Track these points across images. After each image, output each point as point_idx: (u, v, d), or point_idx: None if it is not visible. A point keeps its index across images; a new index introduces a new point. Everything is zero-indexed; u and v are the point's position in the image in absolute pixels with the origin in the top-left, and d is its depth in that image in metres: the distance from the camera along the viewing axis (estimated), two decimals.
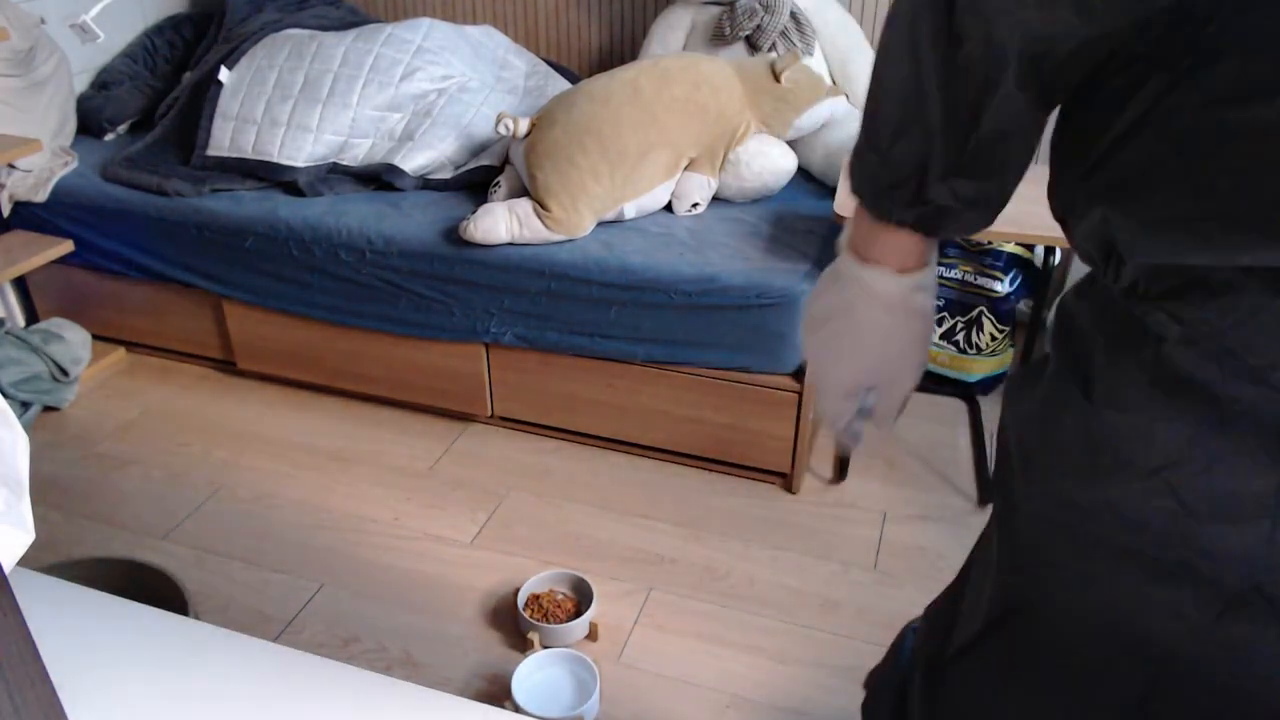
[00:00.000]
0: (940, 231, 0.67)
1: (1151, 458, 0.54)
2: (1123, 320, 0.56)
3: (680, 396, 1.93)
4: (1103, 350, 0.57)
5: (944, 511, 1.91)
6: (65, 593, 0.78)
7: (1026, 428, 0.64)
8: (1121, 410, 0.56)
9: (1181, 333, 0.52)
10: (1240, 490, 0.51)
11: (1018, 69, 0.53)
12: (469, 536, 1.85)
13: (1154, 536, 0.55)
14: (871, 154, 0.65)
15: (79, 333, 2.25)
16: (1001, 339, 2.21)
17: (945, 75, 0.56)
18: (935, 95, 0.57)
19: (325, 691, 0.70)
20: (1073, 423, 0.59)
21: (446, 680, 1.54)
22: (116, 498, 1.95)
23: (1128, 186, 0.52)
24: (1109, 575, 0.58)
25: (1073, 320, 0.61)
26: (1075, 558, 0.59)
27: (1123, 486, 0.55)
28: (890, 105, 0.62)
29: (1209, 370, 0.51)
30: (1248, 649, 0.53)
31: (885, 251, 0.69)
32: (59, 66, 2.36)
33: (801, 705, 1.49)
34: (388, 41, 2.28)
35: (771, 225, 1.98)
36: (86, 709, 0.66)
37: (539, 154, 1.92)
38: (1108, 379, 0.57)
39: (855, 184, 0.68)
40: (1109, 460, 0.56)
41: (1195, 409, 0.52)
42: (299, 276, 2.10)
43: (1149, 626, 0.56)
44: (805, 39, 2.18)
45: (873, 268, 0.70)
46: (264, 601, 1.69)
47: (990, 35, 0.53)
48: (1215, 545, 0.52)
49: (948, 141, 0.59)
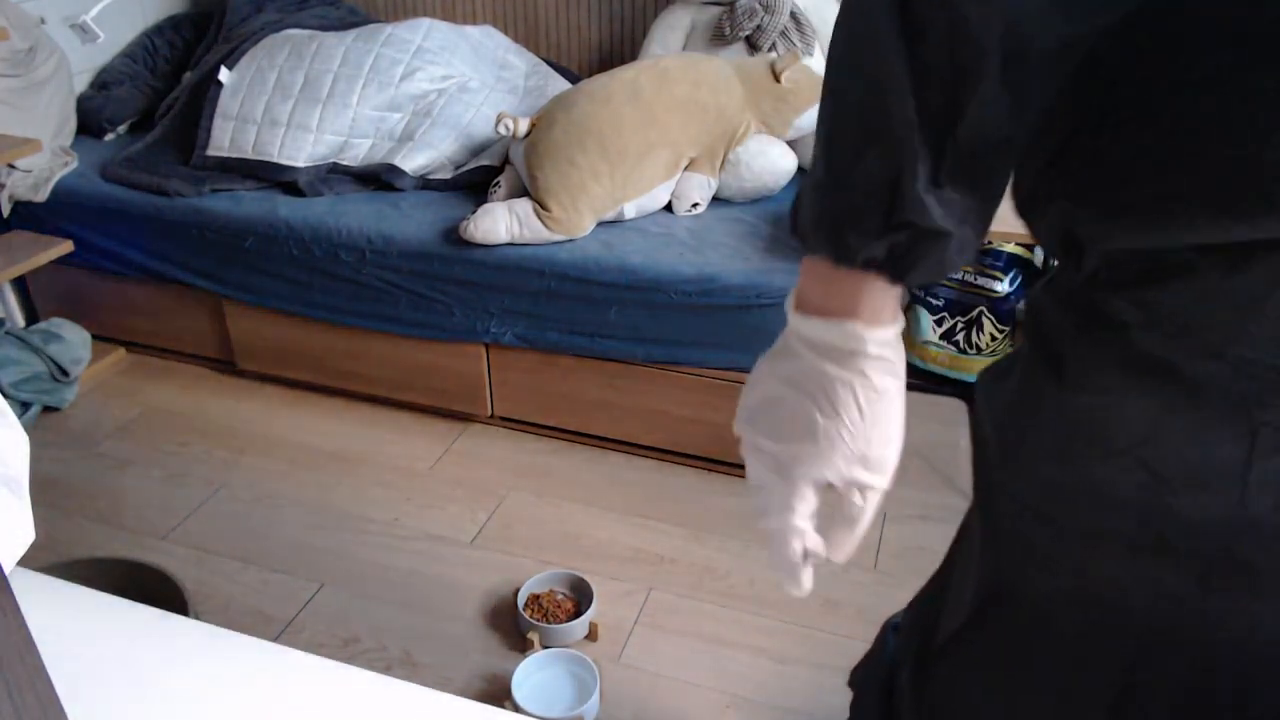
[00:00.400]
0: (915, 268, 0.54)
1: (1124, 436, 0.55)
2: (1087, 309, 0.57)
3: (680, 396, 1.93)
4: (1071, 339, 0.58)
5: (944, 511, 1.91)
6: (65, 593, 0.78)
7: (1004, 418, 0.65)
8: (1093, 393, 0.57)
9: (1143, 316, 0.54)
10: (1210, 460, 0.53)
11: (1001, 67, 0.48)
12: (469, 536, 1.85)
13: (1131, 513, 0.56)
14: (825, 185, 0.55)
15: (79, 333, 2.25)
16: (1002, 339, 2.21)
17: (914, 75, 0.49)
18: (906, 99, 0.50)
19: (325, 691, 0.70)
20: (1048, 409, 0.60)
21: (446, 680, 1.54)
22: (116, 498, 1.95)
23: (1085, 177, 0.53)
24: (1090, 555, 0.59)
25: (1042, 312, 0.62)
26: (1056, 540, 0.61)
27: (1098, 466, 0.57)
28: (848, 121, 0.53)
29: (1172, 350, 0.53)
30: (1225, 614, 0.55)
31: (847, 305, 0.56)
32: (59, 66, 2.36)
33: (802, 705, 1.49)
34: (388, 41, 2.28)
35: (771, 225, 1.98)
36: (86, 709, 0.66)
37: (539, 154, 1.92)
38: (1078, 365, 0.58)
39: (804, 227, 0.56)
40: (1084, 442, 0.58)
41: (1163, 387, 0.54)
42: (299, 276, 2.10)
43: (1131, 602, 0.58)
44: (805, 39, 2.19)
45: (836, 322, 0.56)
46: (264, 601, 1.69)
47: (958, 26, 0.47)
48: (1189, 515, 0.54)
49: (927, 148, 0.50)
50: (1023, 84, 0.49)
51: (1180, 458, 0.54)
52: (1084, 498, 0.58)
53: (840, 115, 0.54)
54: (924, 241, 0.52)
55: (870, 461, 0.59)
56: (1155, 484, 0.55)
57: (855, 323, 0.56)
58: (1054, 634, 0.63)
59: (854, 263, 0.54)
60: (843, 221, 0.54)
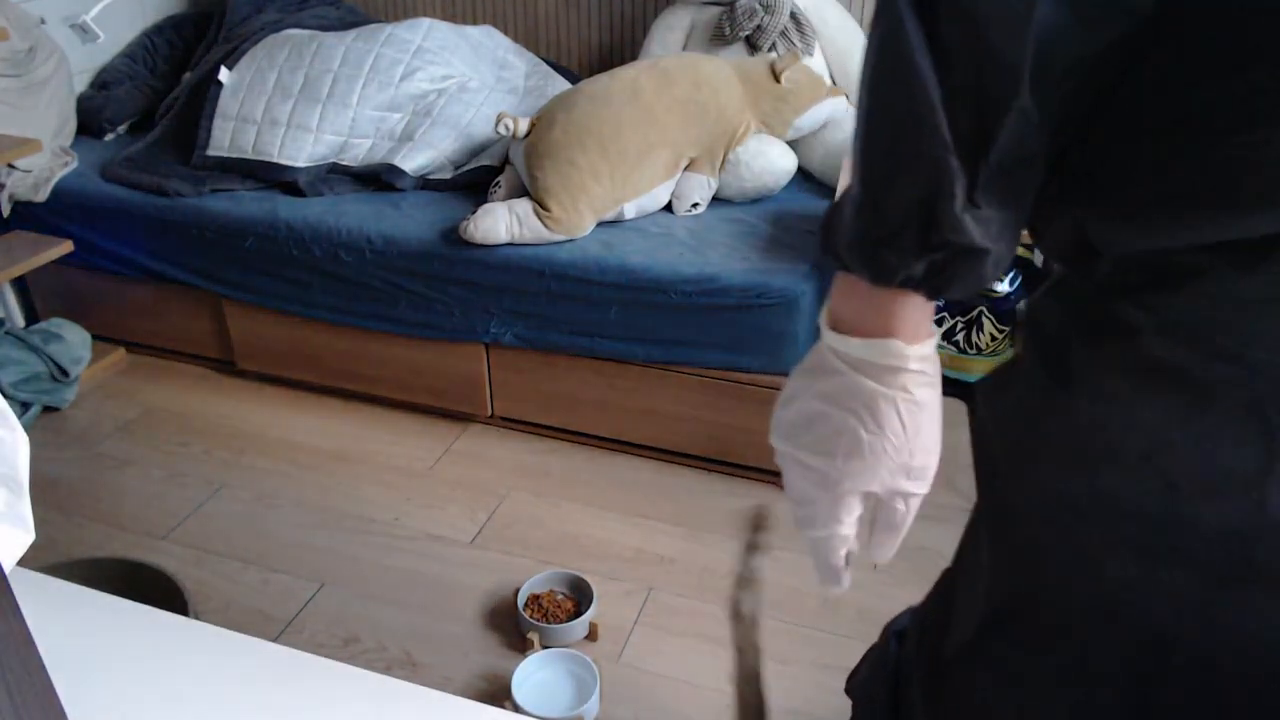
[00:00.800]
0: (951, 285, 0.55)
1: (1137, 444, 0.55)
2: (1096, 316, 0.57)
3: (680, 396, 1.93)
4: (1078, 347, 0.58)
5: (944, 511, 1.91)
6: (65, 593, 0.78)
7: (1009, 427, 0.64)
8: (1103, 401, 0.56)
9: (1154, 321, 0.53)
10: (1226, 467, 0.52)
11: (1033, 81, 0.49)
12: (469, 536, 1.85)
13: (1146, 521, 0.55)
14: (861, 207, 0.55)
15: (79, 333, 2.25)
16: (1002, 339, 2.21)
17: (945, 99, 0.50)
18: (938, 122, 0.50)
19: (325, 691, 0.70)
20: (1056, 418, 0.59)
21: (446, 680, 1.54)
22: (116, 498, 1.95)
23: (1094, 180, 0.53)
24: (1104, 564, 0.58)
25: (1045, 321, 0.61)
26: (1070, 550, 0.60)
27: (1111, 475, 0.56)
28: (882, 143, 0.54)
29: (1185, 355, 0.52)
30: (1245, 622, 0.54)
31: (886, 323, 0.58)
32: (59, 66, 2.36)
33: (802, 705, 1.49)
34: (388, 41, 2.28)
35: (771, 225, 1.98)
36: (86, 709, 0.66)
37: (539, 154, 1.92)
38: (1086, 373, 0.57)
39: (839, 247, 0.57)
40: (1096, 451, 0.57)
41: (1176, 393, 0.53)
42: (299, 276, 2.10)
43: (1148, 611, 0.57)
44: (805, 39, 2.19)
45: (877, 341, 0.58)
46: (264, 601, 1.69)
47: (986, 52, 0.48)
48: (1205, 523, 0.53)
49: (962, 168, 0.51)
50: (1049, 100, 0.50)
51: (1195, 466, 0.53)
52: (1095, 506, 0.57)
53: (874, 138, 0.54)
54: (962, 259, 0.53)
55: (913, 471, 0.62)
56: (1168, 491, 0.54)
57: (895, 340, 0.57)
58: (1069, 643, 0.62)
59: (892, 282, 0.55)
60: (880, 242, 0.54)
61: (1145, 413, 0.54)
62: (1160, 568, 0.55)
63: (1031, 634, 0.65)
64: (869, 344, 0.58)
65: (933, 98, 0.50)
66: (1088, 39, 0.48)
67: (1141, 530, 0.55)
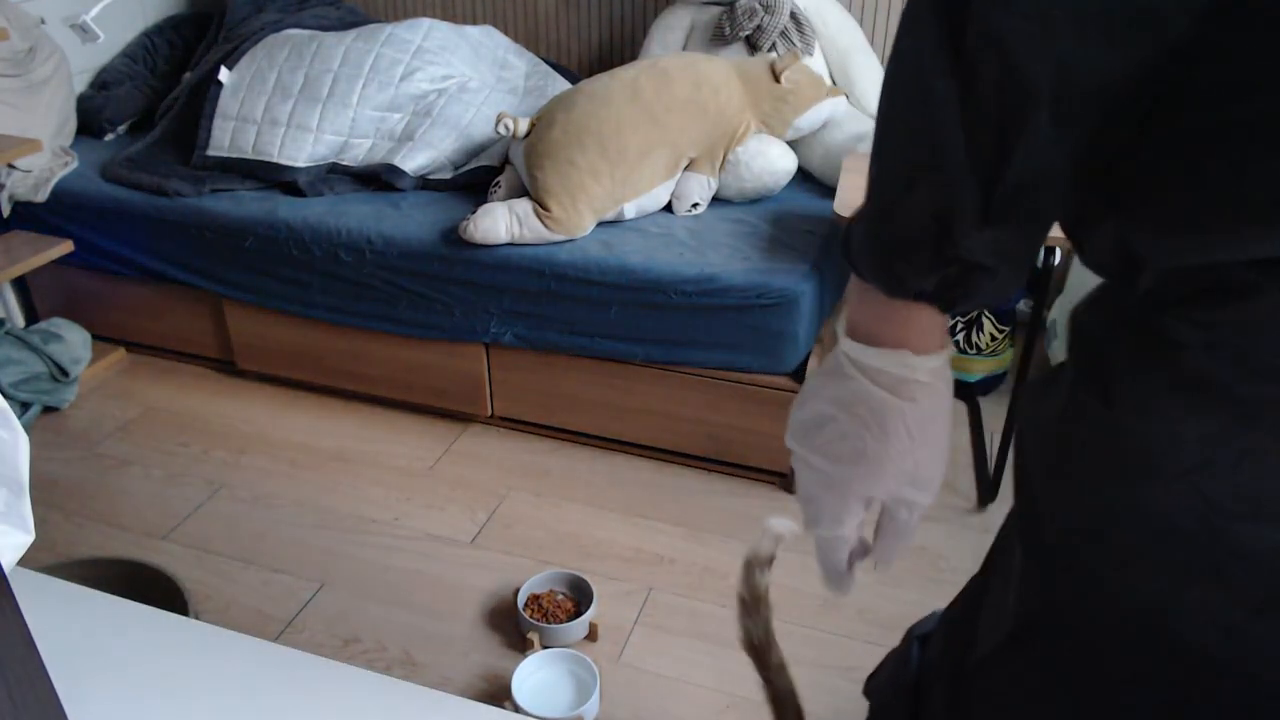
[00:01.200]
0: (963, 300, 0.56)
1: (1178, 461, 0.53)
2: (1140, 330, 0.55)
3: (680, 396, 1.93)
4: (1121, 360, 0.57)
5: (944, 511, 1.91)
6: (65, 593, 0.78)
7: (1046, 437, 0.63)
8: (1145, 416, 0.55)
9: (1201, 337, 0.52)
10: (1269, 489, 0.51)
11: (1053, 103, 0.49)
12: (469, 536, 1.85)
13: (1184, 539, 0.54)
14: (876, 217, 0.56)
15: (79, 333, 2.25)
16: (1002, 339, 2.21)
17: (965, 115, 0.50)
18: (957, 138, 0.51)
19: (325, 691, 0.70)
20: (1096, 431, 0.58)
21: (446, 680, 1.54)
22: (116, 498, 1.95)
23: (1137, 193, 0.52)
24: (1140, 581, 0.57)
25: (1088, 332, 0.60)
26: (1105, 565, 0.59)
27: (1151, 491, 0.55)
28: (899, 155, 0.54)
29: (1230, 372, 0.51)
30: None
31: (898, 333, 0.58)
32: (59, 66, 2.36)
33: (802, 706, 1.49)
34: (388, 41, 2.28)
35: (771, 225, 1.98)
36: (86, 709, 0.66)
37: (539, 154, 1.92)
38: (1128, 387, 0.56)
39: (856, 253, 0.58)
40: (1135, 466, 0.56)
41: (1219, 411, 0.52)
42: (299, 276, 2.10)
43: (1183, 631, 0.56)
44: (805, 39, 2.19)
45: (889, 351, 0.59)
46: (264, 601, 1.69)
47: (1010, 68, 0.48)
48: (1246, 545, 0.52)
49: (978, 185, 0.51)
50: (1071, 120, 0.49)
51: (1237, 486, 0.52)
52: (1134, 523, 0.56)
53: (891, 149, 0.55)
54: (973, 275, 0.54)
55: (918, 480, 0.62)
56: (1210, 511, 0.52)
57: (906, 351, 0.58)
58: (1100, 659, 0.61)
59: (904, 294, 0.56)
60: (894, 255, 0.55)
61: (1187, 429, 0.53)
62: (1200, 588, 0.54)
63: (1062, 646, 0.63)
64: (881, 353, 0.59)
65: (951, 115, 0.50)
66: (1114, 61, 0.48)
67: (1180, 549, 0.54)
